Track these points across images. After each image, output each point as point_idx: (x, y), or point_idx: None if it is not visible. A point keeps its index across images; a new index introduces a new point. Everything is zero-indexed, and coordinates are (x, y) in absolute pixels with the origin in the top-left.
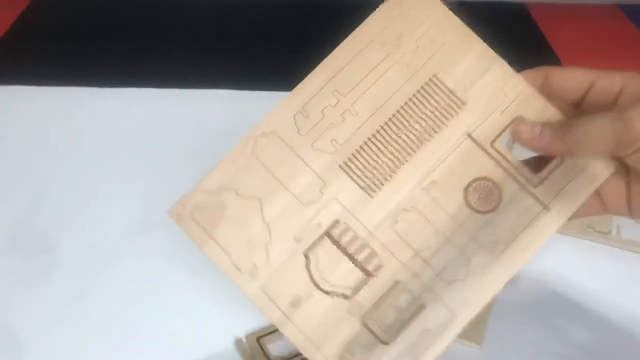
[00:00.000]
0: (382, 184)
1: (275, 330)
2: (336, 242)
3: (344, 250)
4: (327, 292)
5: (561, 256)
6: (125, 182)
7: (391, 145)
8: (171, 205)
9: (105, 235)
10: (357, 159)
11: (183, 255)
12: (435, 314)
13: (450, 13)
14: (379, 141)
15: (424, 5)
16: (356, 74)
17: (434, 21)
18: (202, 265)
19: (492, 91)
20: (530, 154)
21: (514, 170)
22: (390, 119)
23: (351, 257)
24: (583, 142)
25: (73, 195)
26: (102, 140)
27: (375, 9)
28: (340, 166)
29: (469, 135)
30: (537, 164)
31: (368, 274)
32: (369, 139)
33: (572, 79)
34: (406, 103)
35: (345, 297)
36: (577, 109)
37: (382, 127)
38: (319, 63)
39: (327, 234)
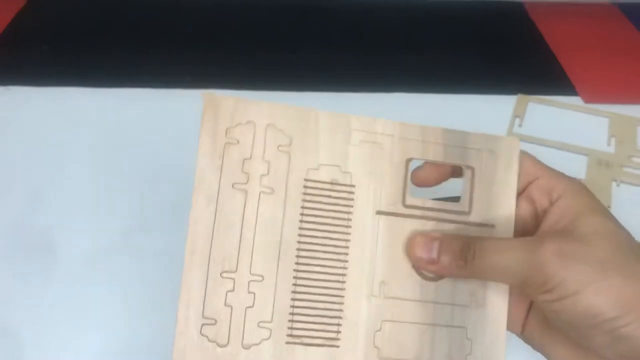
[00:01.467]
0: (339, 324)
1: None
2: None
3: None
4: None
5: None
6: (124, 182)
7: (319, 280)
8: None
9: (104, 234)
10: (297, 321)
11: (181, 256)
12: None
13: (273, 104)
14: (305, 286)
15: (243, 114)
16: (230, 235)
17: (264, 124)
18: None
19: (366, 152)
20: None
21: (441, 214)
22: (298, 257)
23: None
24: (487, 274)
25: (72, 195)
26: (100, 140)
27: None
28: (287, 342)
29: (380, 212)
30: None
31: None
32: (294, 292)
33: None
34: (301, 227)
35: None
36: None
37: (296, 269)
38: (317, 63)
39: None
